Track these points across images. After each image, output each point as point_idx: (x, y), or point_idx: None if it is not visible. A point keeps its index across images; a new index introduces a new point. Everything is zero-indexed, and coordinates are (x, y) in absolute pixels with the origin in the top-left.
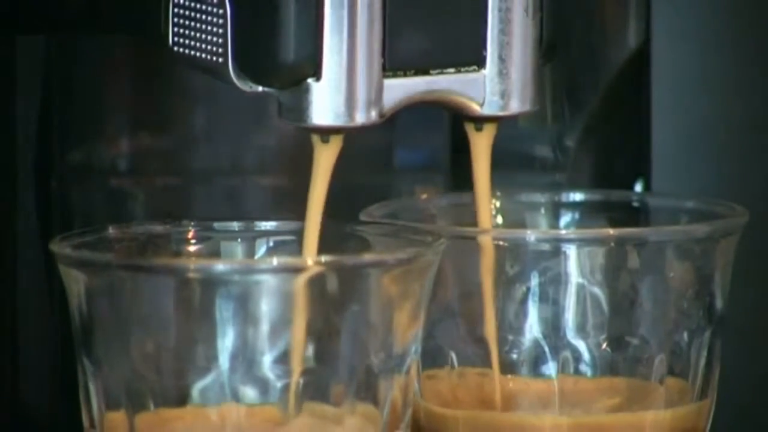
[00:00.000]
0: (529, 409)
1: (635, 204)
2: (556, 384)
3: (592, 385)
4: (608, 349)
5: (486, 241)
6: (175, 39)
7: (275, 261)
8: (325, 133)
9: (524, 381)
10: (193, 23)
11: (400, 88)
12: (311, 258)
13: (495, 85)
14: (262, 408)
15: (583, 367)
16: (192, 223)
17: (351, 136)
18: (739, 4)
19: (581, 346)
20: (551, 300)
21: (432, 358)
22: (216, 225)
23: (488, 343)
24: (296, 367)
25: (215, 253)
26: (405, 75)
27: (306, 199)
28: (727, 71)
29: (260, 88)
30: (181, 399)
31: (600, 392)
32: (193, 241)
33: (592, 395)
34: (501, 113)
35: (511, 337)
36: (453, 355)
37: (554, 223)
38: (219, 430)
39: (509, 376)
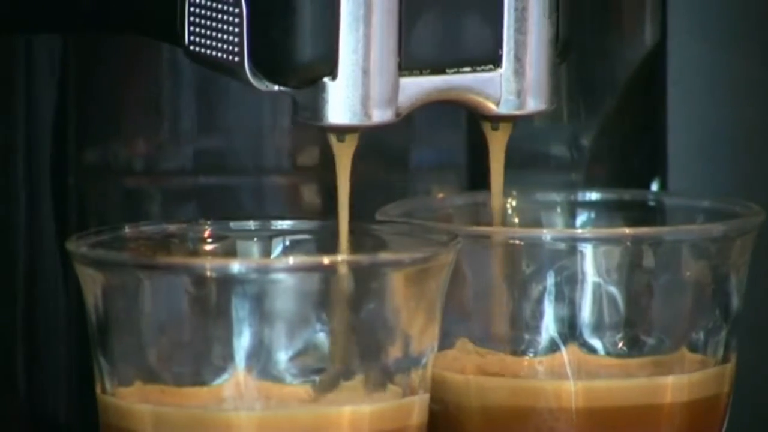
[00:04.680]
0: (542, 377)
1: (651, 203)
2: (567, 357)
3: (608, 361)
4: (624, 348)
5: (502, 240)
6: (191, 38)
7: (291, 260)
8: (341, 132)
9: (538, 359)
10: (209, 22)
11: (416, 87)
12: (327, 257)
13: (511, 84)
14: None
15: None
16: (208, 222)
17: (368, 134)
18: (756, 3)
19: (597, 345)
20: (567, 299)
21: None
22: (232, 224)
23: (501, 341)
24: (312, 365)
25: (231, 252)
26: (421, 74)
27: (332, 197)
28: (743, 70)
29: (276, 87)
30: None
31: (615, 367)
32: (209, 240)
33: (608, 370)
34: (517, 112)
35: (527, 336)
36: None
37: (570, 223)
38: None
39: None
